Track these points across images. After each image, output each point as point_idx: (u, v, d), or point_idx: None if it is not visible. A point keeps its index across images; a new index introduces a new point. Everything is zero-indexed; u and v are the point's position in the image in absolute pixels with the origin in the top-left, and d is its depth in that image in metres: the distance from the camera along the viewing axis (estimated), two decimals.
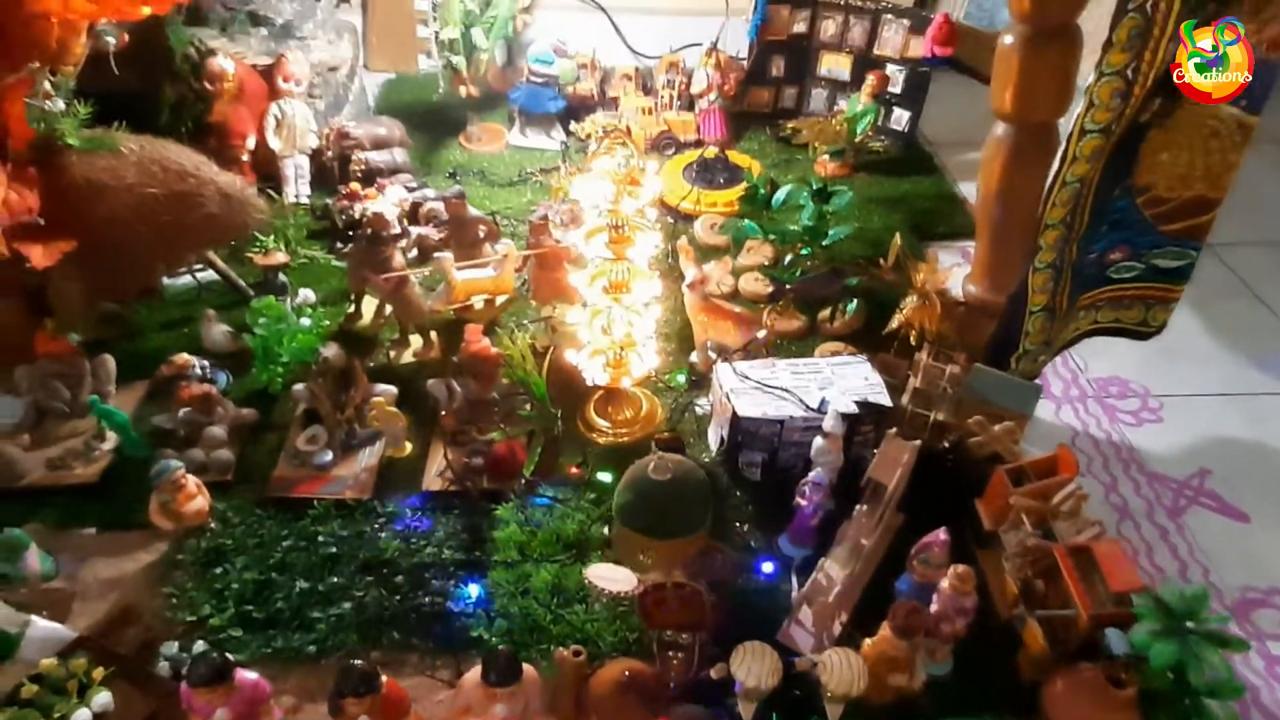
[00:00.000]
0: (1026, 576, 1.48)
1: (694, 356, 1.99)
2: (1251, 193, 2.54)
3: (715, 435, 1.82)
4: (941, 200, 2.65)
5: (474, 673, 1.29)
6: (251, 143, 2.37)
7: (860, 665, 1.28)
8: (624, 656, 1.40)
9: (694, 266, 1.93)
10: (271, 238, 2.16)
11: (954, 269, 1.89)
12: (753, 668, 1.28)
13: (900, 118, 2.80)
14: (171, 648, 1.45)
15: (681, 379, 1.90)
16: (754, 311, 2.01)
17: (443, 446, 1.80)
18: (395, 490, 1.73)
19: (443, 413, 1.84)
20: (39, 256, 1.63)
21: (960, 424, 1.69)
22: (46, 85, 1.67)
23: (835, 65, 2.86)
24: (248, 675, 1.30)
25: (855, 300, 2.03)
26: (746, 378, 1.74)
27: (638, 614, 1.34)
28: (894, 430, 1.59)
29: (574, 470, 1.77)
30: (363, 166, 2.47)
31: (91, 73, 1.82)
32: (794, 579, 1.55)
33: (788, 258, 2.02)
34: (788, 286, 1.97)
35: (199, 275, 2.17)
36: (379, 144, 2.54)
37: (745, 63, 2.89)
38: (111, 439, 1.79)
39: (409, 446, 1.82)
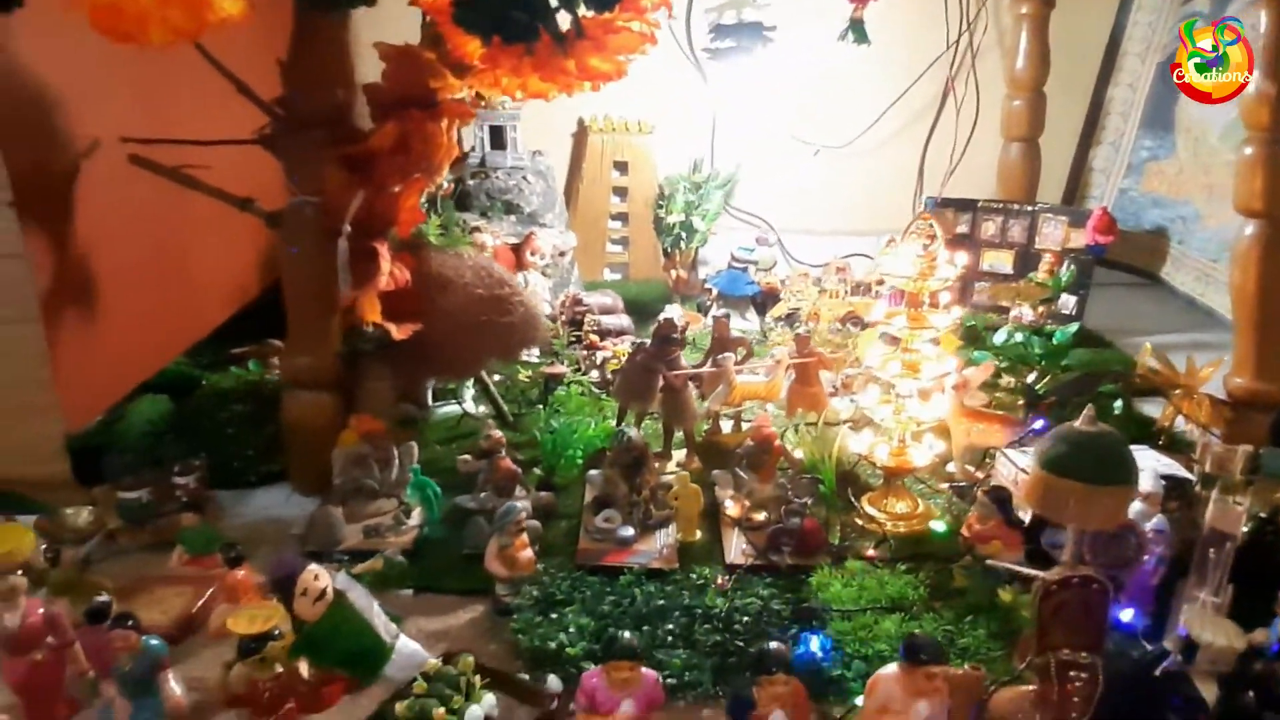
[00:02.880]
0: None
1: (951, 466, 2.05)
2: None
3: None
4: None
5: (888, 669, 1.24)
6: None
7: None
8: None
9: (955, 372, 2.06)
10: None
11: (1208, 368, 2.00)
12: None
13: (1068, 302, 3.04)
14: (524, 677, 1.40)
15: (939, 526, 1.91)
16: (1015, 413, 2.10)
17: (732, 530, 1.83)
18: (698, 565, 1.74)
19: (729, 501, 1.89)
20: (397, 330, 1.83)
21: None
22: None
23: (998, 260, 3.18)
24: (650, 672, 1.26)
25: (1119, 400, 2.12)
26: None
27: (1033, 616, 1.29)
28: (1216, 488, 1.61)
29: (871, 553, 1.77)
30: (595, 327, 2.73)
31: None
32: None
33: (1030, 376, 2.15)
34: (1043, 393, 2.08)
35: (463, 405, 2.34)
36: (605, 310, 2.83)
37: None
38: (416, 516, 1.85)
39: (699, 533, 1.85)
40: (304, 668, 1.27)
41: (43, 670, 1.34)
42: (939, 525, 1.78)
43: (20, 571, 1.31)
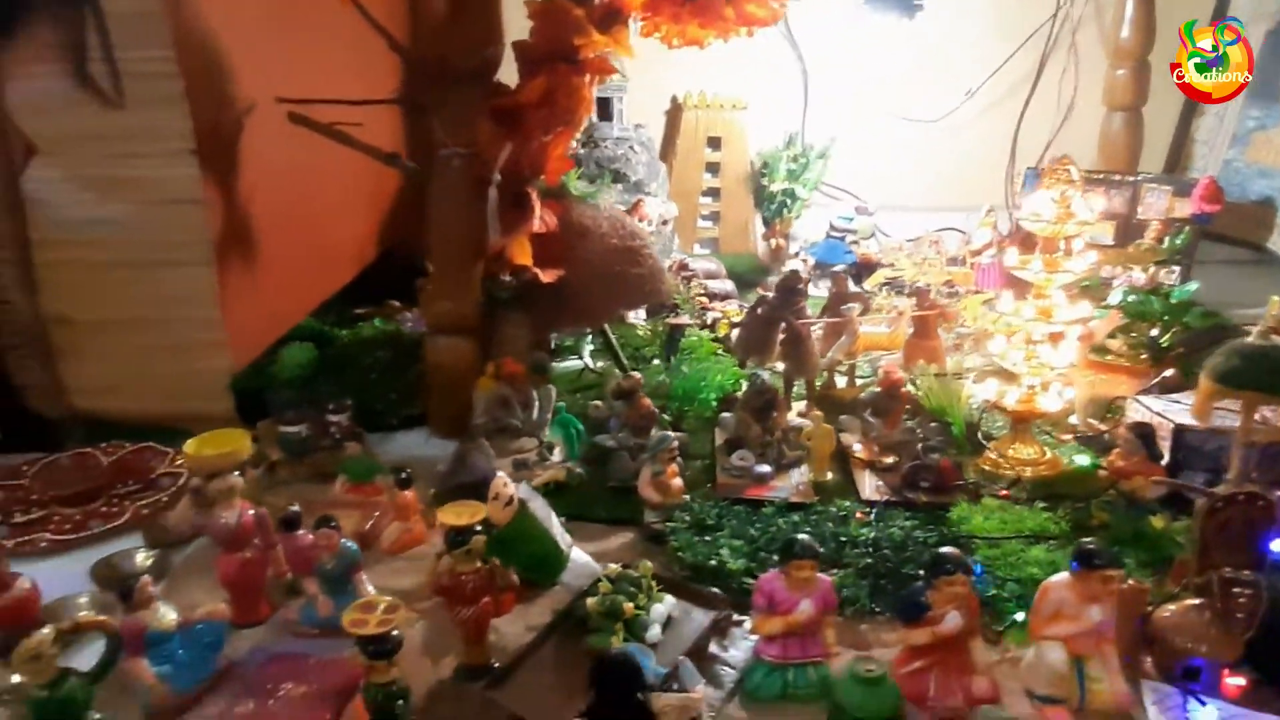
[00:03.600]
0: None
1: (1074, 419, 2.07)
2: None
3: None
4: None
5: (1059, 576, 1.28)
6: None
7: None
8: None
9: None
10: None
11: None
12: None
13: (1171, 273, 3.03)
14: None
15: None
16: (1135, 362, 2.11)
17: (863, 471, 1.89)
18: (834, 501, 1.80)
19: (858, 444, 1.95)
20: (544, 274, 1.92)
21: None
22: None
23: (1099, 231, 3.16)
24: (824, 576, 1.33)
25: None
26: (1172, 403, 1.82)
27: (1195, 535, 1.32)
28: None
29: (1004, 494, 1.81)
30: (702, 290, 2.80)
31: None
32: None
33: (1153, 331, 2.17)
34: (1168, 346, 2.10)
35: (583, 359, 2.43)
36: (709, 275, 2.90)
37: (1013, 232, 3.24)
38: (557, 454, 1.93)
39: (830, 474, 1.90)
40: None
41: (250, 567, 1.45)
42: (1083, 458, 1.81)
43: (237, 473, 1.42)
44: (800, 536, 1.31)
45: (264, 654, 1.40)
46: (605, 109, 3.04)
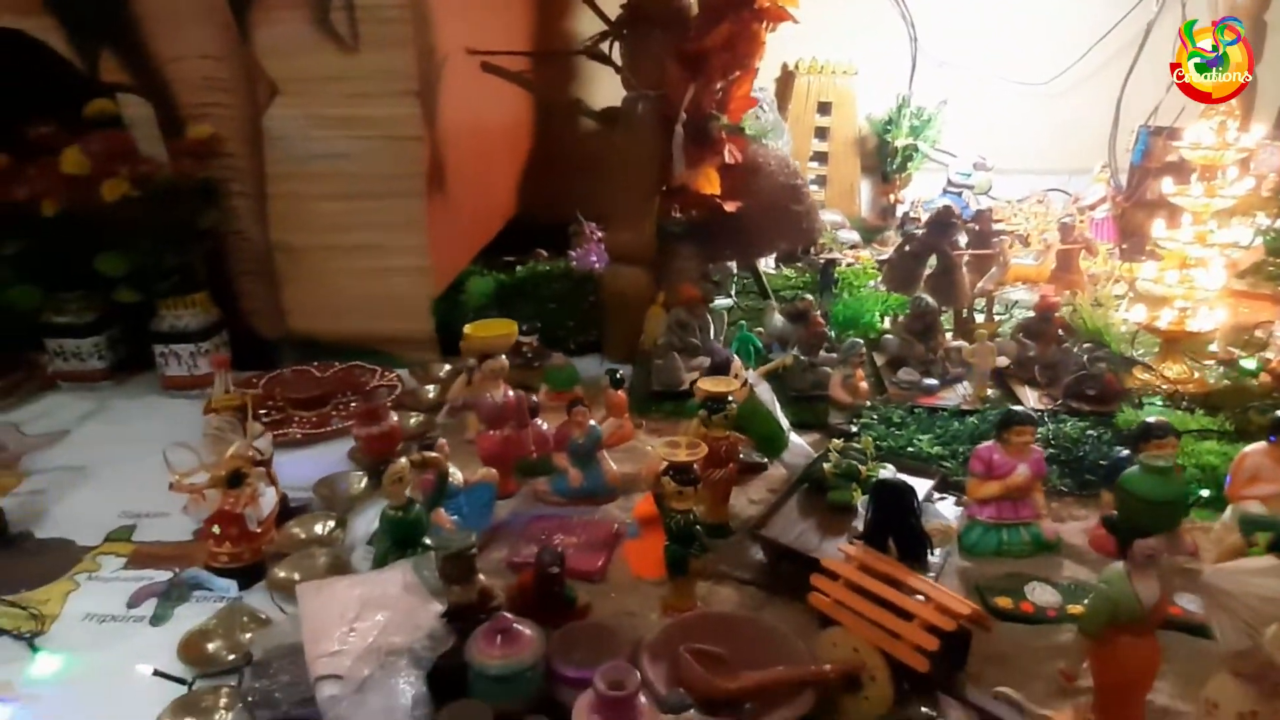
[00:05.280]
0: None
1: (1213, 346, 2.20)
2: None
3: None
4: None
5: (1255, 446, 1.43)
6: None
7: None
8: None
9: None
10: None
11: None
12: None
13: None
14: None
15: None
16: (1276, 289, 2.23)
17: (1021, 387, 2.04)
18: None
19: (1012, 366, 2.10)
20: (727, 205, 2.10)
21: None
22: None
23: None
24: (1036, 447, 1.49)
25: None
26: None
27: None
28: None
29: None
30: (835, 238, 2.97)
31: None
32: None
33: None
34: None
35: (732, 297, 2.60)
36: (836, 226, 3.06)
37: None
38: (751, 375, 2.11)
39: (990, 390, 2.05)
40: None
41: (509, 444, 1.65)
42: (1249, 363, 1.95)
43: (504, 356, 1.62)
44: (1016, 407, 1.47)
45: (526, 516, 1.60)
46: None
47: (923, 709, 0.88)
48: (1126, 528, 1.02)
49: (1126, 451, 1.45)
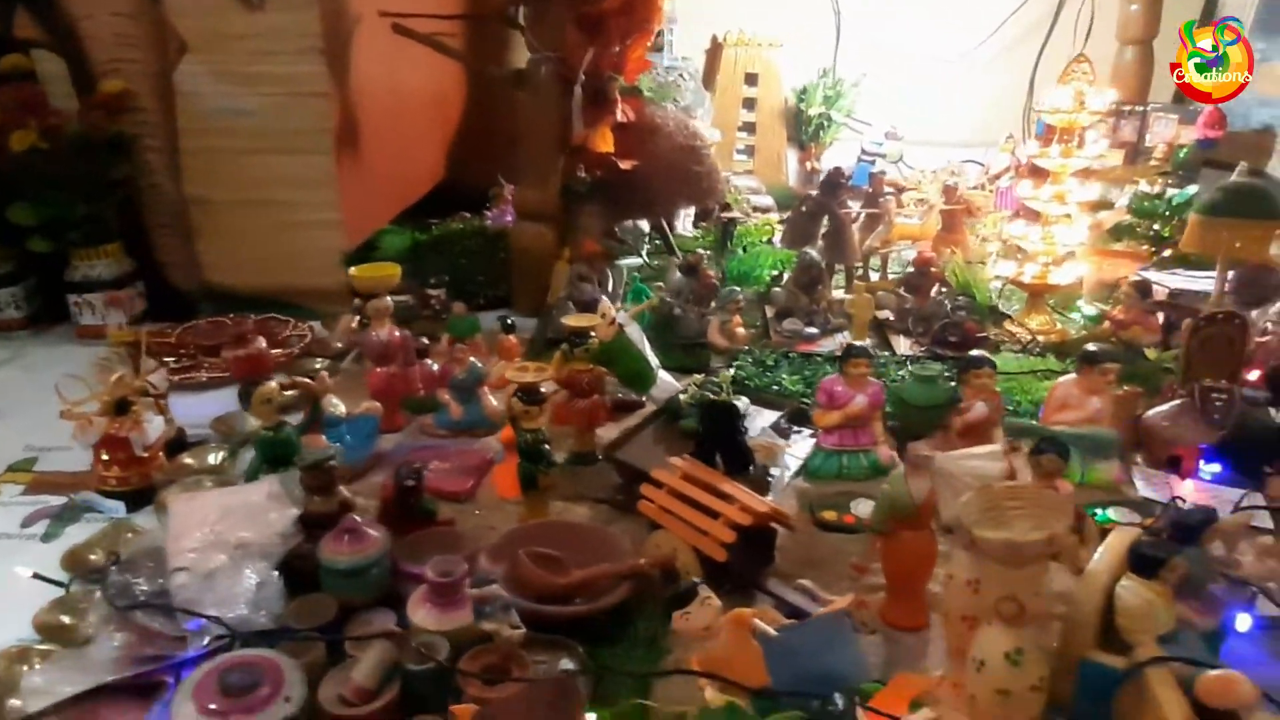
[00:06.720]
0: None
1: (1081, 301, 2.35)
2: None
3: None
4: None
5: (1066, 376, 1.57)
6: None
7: None
8: None
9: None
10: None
11: None
12: None
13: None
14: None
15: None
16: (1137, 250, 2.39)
17: (896, 336, 2.17)
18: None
19: (892, 318, 2.24)
20: (622, 163, 2.20)
21: None
22: None
23: (1108, 159, 3.42)
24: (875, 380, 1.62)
25: None
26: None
27: (1182, 351, 1.60)
28: None
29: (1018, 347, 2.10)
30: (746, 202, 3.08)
31: None
32: None
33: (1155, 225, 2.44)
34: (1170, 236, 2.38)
35: (642, 257, 2.71)
36: (751, 191, 3.18)
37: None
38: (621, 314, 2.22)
39: (869, 338, 2.19)
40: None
41: (395, 381, 1.75)
42: (1090, 310, 2.10)
43: (389, 297, 1.72)
44: (856, 341, 1.60)
45: (409, 446, 1.71)
46: (657, 39, 3.29)
47: (693, 579, 1.00)
48: (903, 431, 1.15)
49: (955, 384, 1.59)
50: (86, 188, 2.12)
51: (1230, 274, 1.69)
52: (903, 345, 2.13)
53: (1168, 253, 2.23)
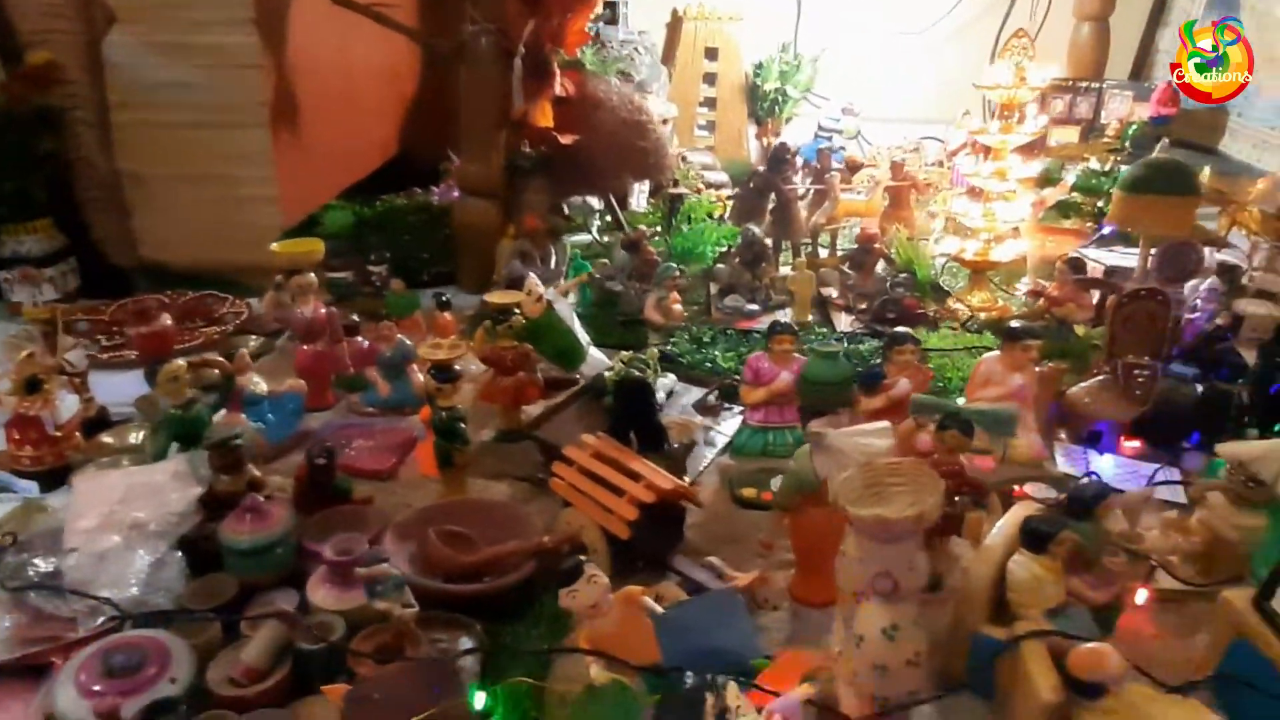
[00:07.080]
0: None
1: (1025, 279, 2.36)
2: None
3: None
4: None
5: (990, 354, 1.57)
6: None
7: None
8: None
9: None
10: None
11: (1262, 182, 2.26)
12: None
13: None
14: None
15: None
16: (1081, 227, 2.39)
17: (839, 314, 2.17)
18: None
19: (834, 292, 2.23)
20: (563, 137, 2.18)
21: None
22: None
23: (1064, 136, 3.42)
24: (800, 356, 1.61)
25: None
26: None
27: (1106, 327, 1.61)
28: None
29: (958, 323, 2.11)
30: (699, 178, 3.06)
31: None
32: None
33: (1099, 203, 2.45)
34: None
35: (592, 233, 2.69)
36: (705, 167, 3.16)
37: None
38: (571, 297, 2.21)
39: (811, 316, 2.18)
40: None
41: (322, 359, 1.73)
42: (1025, 283, 2.11)
43: (312, 274, 1.69)
44: (780, 318, 1.59)
45: (335, 425, 1.69)
46: (613, 12, 3.26)
47: (578, 556, 1.00)
48: (808, 407, 1.15)
49: (879, 361, 1.59)
50: (13, 162, 2.07)
51: (1153, 250, 1.70)
52: (843, 321, 2.13)
53: (1107, 230, 2.24)
